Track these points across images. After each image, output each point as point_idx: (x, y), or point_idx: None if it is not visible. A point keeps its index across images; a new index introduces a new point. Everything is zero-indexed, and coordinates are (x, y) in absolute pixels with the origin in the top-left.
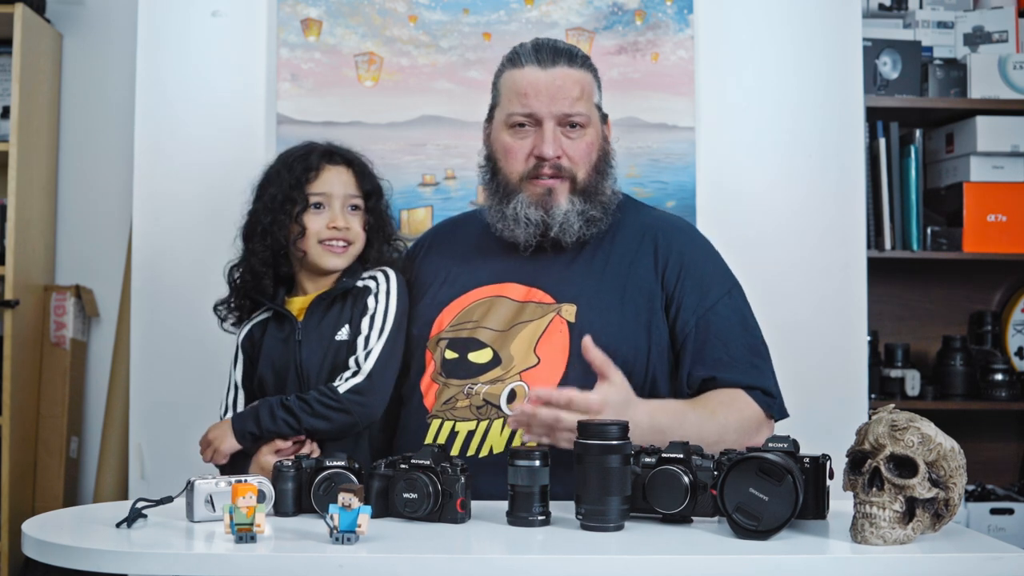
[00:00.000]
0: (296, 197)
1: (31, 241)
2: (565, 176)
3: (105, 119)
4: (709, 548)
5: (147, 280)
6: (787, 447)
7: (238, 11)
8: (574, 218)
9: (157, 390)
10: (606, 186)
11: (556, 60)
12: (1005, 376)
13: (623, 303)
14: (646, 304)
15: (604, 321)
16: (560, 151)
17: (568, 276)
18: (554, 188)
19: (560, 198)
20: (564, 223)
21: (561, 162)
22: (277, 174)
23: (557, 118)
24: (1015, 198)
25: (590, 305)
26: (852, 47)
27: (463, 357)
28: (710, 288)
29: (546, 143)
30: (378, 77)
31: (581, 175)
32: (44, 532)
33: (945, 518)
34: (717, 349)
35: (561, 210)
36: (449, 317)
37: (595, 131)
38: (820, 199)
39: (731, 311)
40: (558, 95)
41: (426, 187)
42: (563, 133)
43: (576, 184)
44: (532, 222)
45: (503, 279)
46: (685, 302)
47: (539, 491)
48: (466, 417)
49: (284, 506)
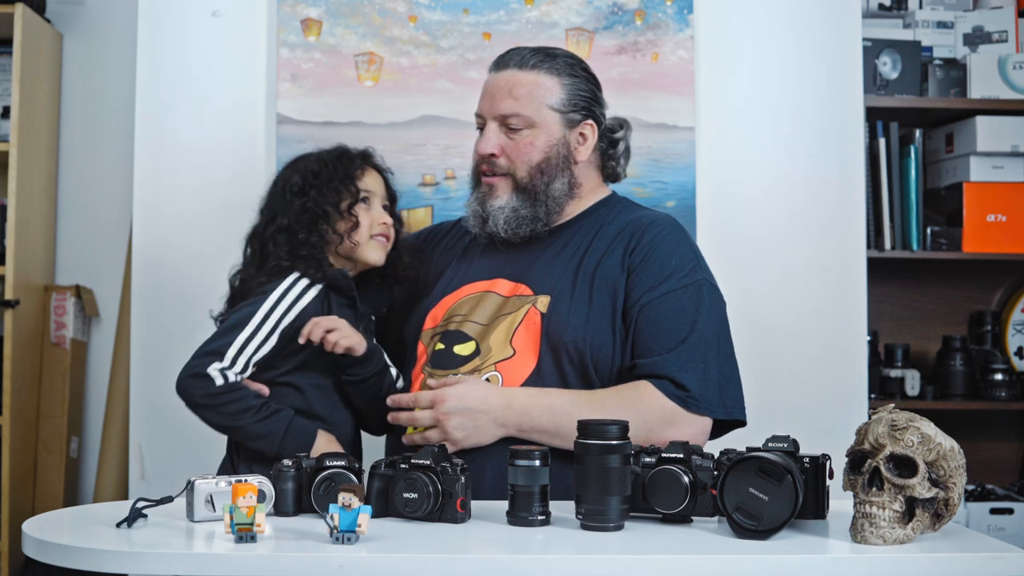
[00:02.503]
0: (348, 190)
1: (31, 241)
2: (503, 173)
3: (105, 119)
4: (709, 548)
5: (147, 280)
6: (787, 447)
7: (238, 11)
8: (507, 213)
9: (157, 390)
10: (555, 188)
11: (509, 64)
12: (1005, 376)
13: (592, 296)
14: (611, 297)
15: (571, 312)
16: (498, 149)
17: (549, 270)
18: (494, 185)
19: (499, 194)
20: (494, 218)
21: (498, 160)
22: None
23: (497, 118)
24: (1015, 198)
25: (560, 297)
26: (852, 47)
27: (449, 349)
28: (665, 280)
29: (482, 141)
30: (378, 77)
31: (520, 174)
32: (44, 532)
33: (945, 518)
34: (651, 339)
35: (495, 205)
36: (442, 311)
37: (544, 133)
38: (820, 199)
39: (678, 303)
40: (498, 96)
41: (426, 187)
42: (505, 133)
43: (517, 182)
44: (474, 216)
45: (494, 275)
46: (636, 290)
47: (539, 491)
48: None
49: (284, 506)
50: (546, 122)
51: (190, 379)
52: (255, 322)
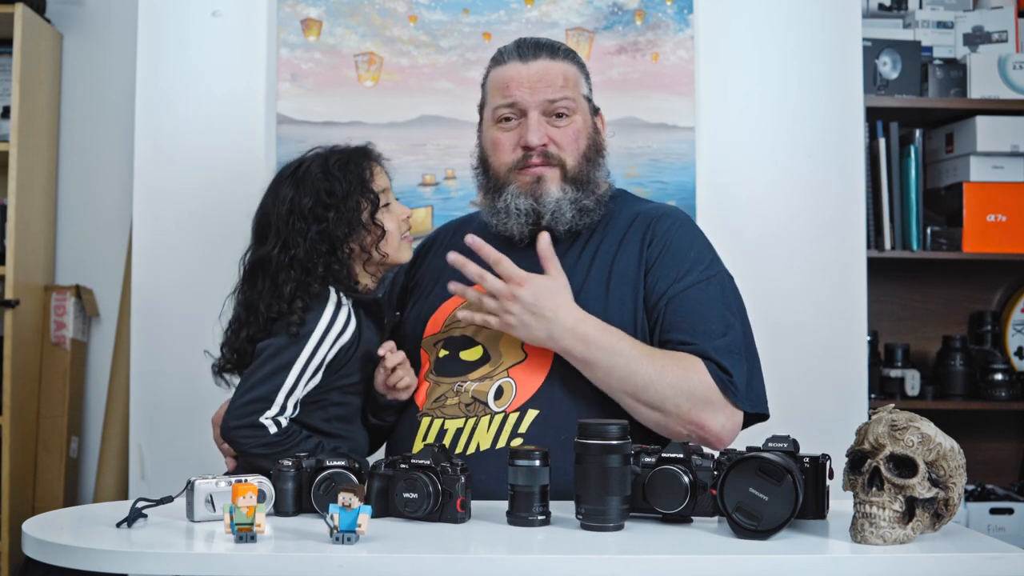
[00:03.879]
0: (368, 199)
1: (31, 241)
2: (554, 163)
3: (105, 119)
4: (709, 548)
5: (147, 280)
6: (787, 447)
7: (238, 11)
8: (566, 206)
9: (157, 390)
10: (598, 176)
11: (537, 54)
12: (1005, 376)
13: (608, 292)
14: (631, 292)
15: (589, 311)
16: (546, 139)
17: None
18: (543, 176)
19: (550, 185)
20: (556, 211)
21: (548, 149)
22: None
23: (541, 107)
24: (1015, 198)
25: (575, 296)
26: (852, 47)
27: (454, 355)
28: (688, 272)
29: (531, 131)
30: (378, 77)
31: (570, 162)
32: (44, 532)
33: (945, 518)
34: (683, 332)
35: (552, 197)
36: (443, 316)
37: (583, 120)
38: (820, 199)
39: (706, 296)
40: (540, 84)
41: (426, 187)
42: (549, 122)
43: (567, 172)
44: (522, 211)
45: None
46: (659, 283)
47: (539, 491)
48: (455, 415)
49: (284, 506)
50: (583, 110)
51: (242, 430)
52: (300, 363)
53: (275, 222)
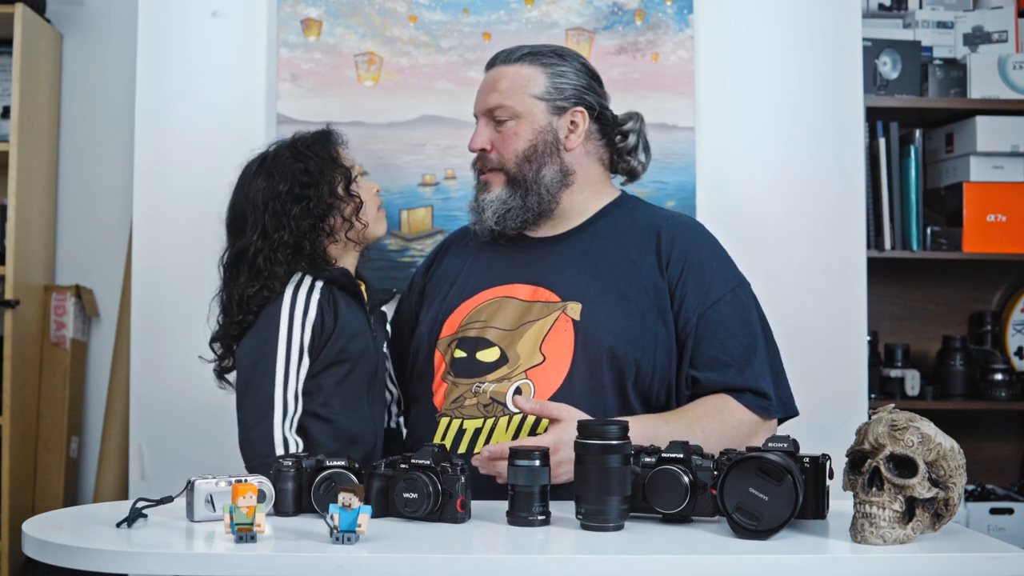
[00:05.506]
0: (341, 171)
1: (31, 241)
2: (494, 168)
3: (105, 119)
4: (709, 548)
5: (147, 280)
6: (787, 447)
7: (238, 11)
8: (496, 205)
9: (157, 390)
10: (545, 176)
11: (496, 61)
12: (1005, 376)
13: (629, 301)
14: (652, 303)
15: (610, 320)
16: (488, 144)
17: (574, 275)
18: (488, 180)
19: (492, 188)
20: (484, 210)
21: (489, 155)
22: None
23: (484, 113)
24: (1015, 198)
25: (595, 303)
26: (852, 47)
27: (471, 356)
28: (712, 285)
29: (472, 137)
30: (378, 77)
31: (509, 165)
32: (44, 532)
33: (945, 518)
34: (714, 348)
35: (486, 199)
36: (460, 318)
37: (529, 122)
38: (820, 199)
39: (733, 309)
40: (486, 91)
41: (426, 187)
42: (494, 128)
43: (508, 175)
44: (472, 212)
45: (510, 280)
46: (688, 300)
47: (539, 491)
48: (473, 415)
49: (284, 506)
50: (531, 111)
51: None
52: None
53: (251, 214)
